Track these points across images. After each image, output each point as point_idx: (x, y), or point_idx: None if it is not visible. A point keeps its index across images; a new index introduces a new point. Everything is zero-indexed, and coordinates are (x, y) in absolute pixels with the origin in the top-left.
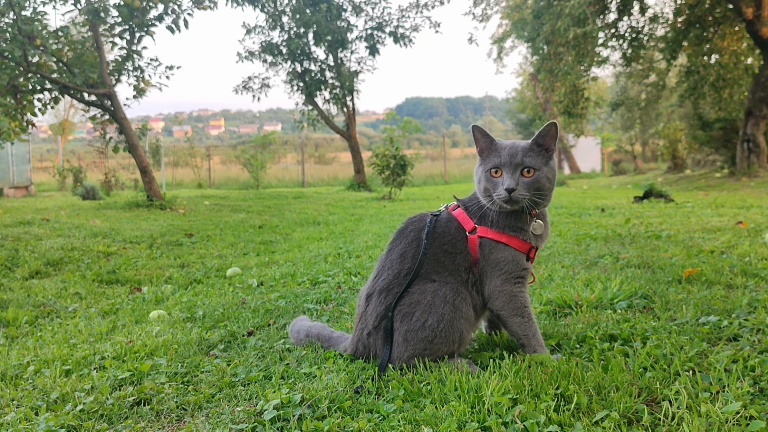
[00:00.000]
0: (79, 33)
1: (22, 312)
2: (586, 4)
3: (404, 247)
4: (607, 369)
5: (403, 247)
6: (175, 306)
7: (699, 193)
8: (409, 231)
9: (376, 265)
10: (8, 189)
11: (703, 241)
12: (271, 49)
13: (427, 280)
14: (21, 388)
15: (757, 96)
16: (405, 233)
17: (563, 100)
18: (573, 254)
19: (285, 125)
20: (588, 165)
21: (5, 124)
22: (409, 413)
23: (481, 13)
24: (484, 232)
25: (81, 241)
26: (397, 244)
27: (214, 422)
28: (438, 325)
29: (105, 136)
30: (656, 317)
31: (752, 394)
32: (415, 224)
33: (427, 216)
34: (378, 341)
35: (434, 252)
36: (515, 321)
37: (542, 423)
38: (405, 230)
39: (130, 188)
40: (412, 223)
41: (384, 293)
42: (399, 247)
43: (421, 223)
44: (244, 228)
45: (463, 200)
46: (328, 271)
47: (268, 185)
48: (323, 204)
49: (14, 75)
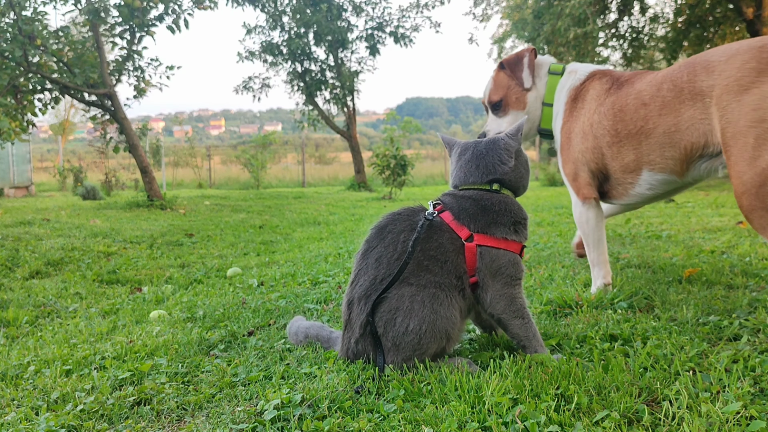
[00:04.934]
0: (79, 33)
1: (22, 312)
2: (586, 4)
3: (381, 250)
4: (607, 369)
5: (379, 251)
6: (175, 306)
7: (699, 193)
8: (387, 231)
9: (353, 266)
10: (9, 189)
11: (704, 241)
12: (272, 49)
13: (405, 283)
14: (21, 388)
15: None
16: (383, 233)
17: None
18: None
19: (285, 125)
20: None
21: (5, 124)
22: (410, 413)
23: (481, 13)
24: (482, 240)
25: (81, 241)
26: (374, 246)
27: (214, 422)
28: (420, 327)
29: (105, 136)
30: (656, 317)
31: (753, 394)
32: (396, 224)
33: (412, 214)
34: (368, 348)
35: (416, 257)
36: (516, 323)
37: (542, 423)
38: (383, 229)
39: (130, 188)
40: (392, 222)
41: (363, 300)
42: (376, 249)
43: (403, 223)
44: (245, 228)
45: (445, 201)
46: (329, 271)
47: (268, 185)
48: (324, 204)
49: (15, 75)
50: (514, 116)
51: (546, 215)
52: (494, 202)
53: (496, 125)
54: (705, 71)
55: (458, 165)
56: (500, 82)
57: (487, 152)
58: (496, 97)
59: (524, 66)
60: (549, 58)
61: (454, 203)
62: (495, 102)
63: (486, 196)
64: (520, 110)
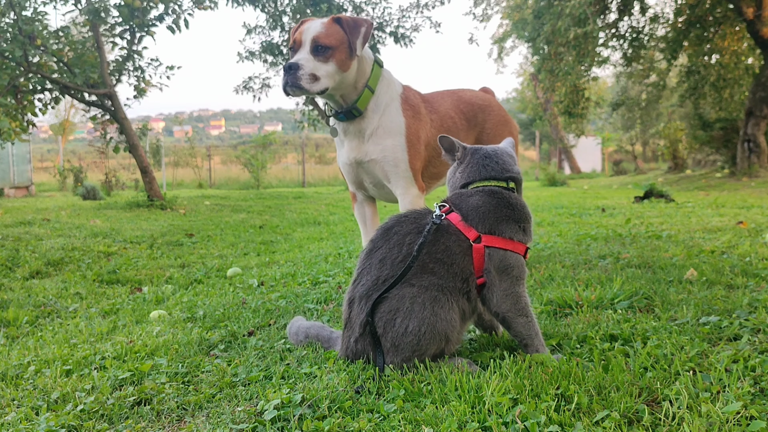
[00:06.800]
0: (79, 33)
1: (22, 312)
2: (586, 4)
3: (385, 251)
4: (607, 369)
5: (384, 252)
6: (175, 306)
7: (699, 193)
8: (393, 233)
9: (357, 265)
10: (9, 189)
11: (704, 241)
12: (272, 49)
13: (406, 284)
14: (21, 388)
15: (757, 96)
16: (389, 234)
17: (564, 100)
18: (573, 254)
19: (285, 125)
20: (588, 165)
21: (6, 124)
22: (410, 413)
23: (481, 13)
24: (490, 241)
25: (81, 241)
26: (379, 246)
27: (214, 422)
28: (419, 329)
29: (105, 136)
30: (657, 317)
31: (753, 394)
32: (402, 226)
33: (419, 217)
34: (367, 347)
35: (421, 259)
36: (520, 321)
37: (543, 423)
38: (390, 230)
39: (130, 188)
40: (398, 224)
41: (364, 299)
42: (381, 250)
43: (410, 225)
44: (245, 228)
45: (454, 202)
46: (329, 271)
47: (268, 185)
48: (324, 204)
49: (15, 75)
50: (334, 70)
51: (546, 215)
52: (509, 197)
53: (312, 65)
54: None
55: (472, 161)
56: (333, 32)
57: (501, 153)
58: (327, 42)
59: (360, 34)
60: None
61: (462, 203)
62: (324, 45)
63: (504, 193)
64: (342, 70)
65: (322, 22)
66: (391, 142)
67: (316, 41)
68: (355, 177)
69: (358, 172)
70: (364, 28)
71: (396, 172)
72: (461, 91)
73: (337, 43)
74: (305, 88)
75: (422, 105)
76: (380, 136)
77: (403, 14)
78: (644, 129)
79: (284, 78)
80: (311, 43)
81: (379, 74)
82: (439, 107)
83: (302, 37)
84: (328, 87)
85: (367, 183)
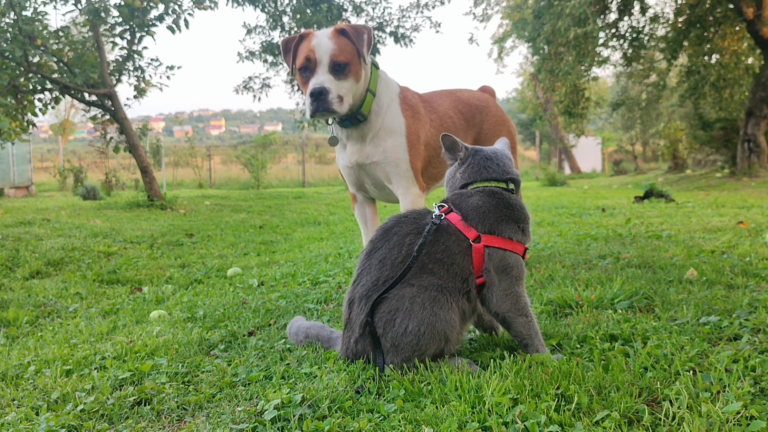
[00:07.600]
0: (79, 33)
1: (22, 312)
2: (586, 4)
3: (385, 252)
4: (607, 369)
5: (384, 252)
6: (175, 306)
7: (700, 193)
8: (393, 233)
9: (357, 265)
10: (9, 189)
11: (704, 241)
12: (272, 49)
13: (406, 284)
14: (22, 388)
15: (757, 96)
16: (389, 235)
17: (564, 100)
18: (573, 254)
19: (285, 125)
20: (588, 165)
21: (6, 124)
22: (410, 413)
23: (481, 13)
24: (489, 241)
25: (81, 241)
26: (379, 247)
27: (214, 422)
28: (419, 329)
29: (105, 136)
30: (657, 317)
31: (753, 394)
32: (402, 226)
33: (419, 217)
34: (368, 347)
35: (421, 259)
36: (520, 321)
37: (543, 423)
38: (389, 231)
39: (130, 188)
40: (398, 224)
41: (364, 300)
42: (380, 251)
43: (409, 225)
44: (245, 228)
45: (454, 202)
46: (329, 271)
47: (268, 185)
48: (324, 204)
49: (15, 75)
50: (352, 85)
51: (546, 215)
52: (509, 197)
53: (336, 86)
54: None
55: (473, 162)
56: (345, 47)
57: (501, 155)
58: (344, 59)
59: (364, 42)
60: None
61: (462, 203)
62: (342, 63)
63: (504, 193)
64: (357, 82)
65: (329, 37)
66: (392, 143)
67: (334, 60)
68: (357, 179)
69: (359, 174)
70: (366, 36)
71: (397, 172)
72: (459, 91)
73: (351, 57)
74: (337, 111)
75: (421, 105)
76: (381, 137)
77: (403, 14)
78: (644, 129)
79: (313, 104)
80: (330, 63)
81: (377, 76)
82: (438, 107)
83: (316, 56)
84: (352, 103)
85: (368, 185)
